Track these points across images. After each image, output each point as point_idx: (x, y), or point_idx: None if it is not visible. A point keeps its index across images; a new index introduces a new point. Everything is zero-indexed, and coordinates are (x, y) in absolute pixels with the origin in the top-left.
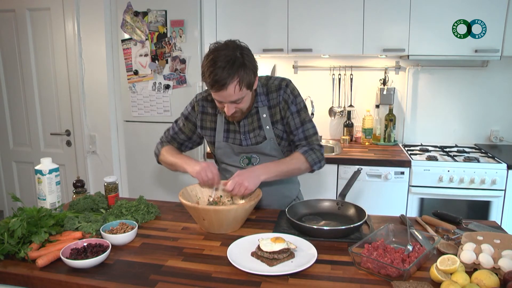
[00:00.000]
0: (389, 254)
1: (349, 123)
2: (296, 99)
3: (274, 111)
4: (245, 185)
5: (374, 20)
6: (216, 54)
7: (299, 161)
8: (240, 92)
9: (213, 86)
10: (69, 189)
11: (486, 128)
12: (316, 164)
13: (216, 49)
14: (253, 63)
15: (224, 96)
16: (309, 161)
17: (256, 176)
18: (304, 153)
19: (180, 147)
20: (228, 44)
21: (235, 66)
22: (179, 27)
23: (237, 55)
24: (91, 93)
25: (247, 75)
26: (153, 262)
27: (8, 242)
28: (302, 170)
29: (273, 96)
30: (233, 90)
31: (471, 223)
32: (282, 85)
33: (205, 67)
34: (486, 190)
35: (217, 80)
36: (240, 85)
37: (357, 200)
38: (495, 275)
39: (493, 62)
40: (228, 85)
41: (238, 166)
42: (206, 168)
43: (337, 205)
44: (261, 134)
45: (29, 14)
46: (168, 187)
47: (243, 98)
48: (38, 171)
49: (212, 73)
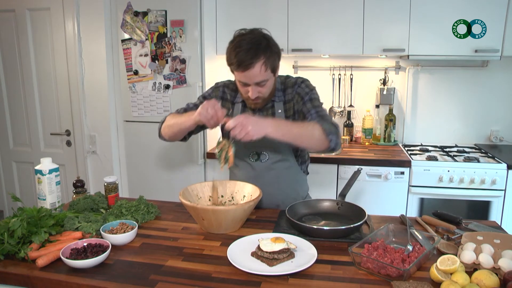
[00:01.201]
0: (389, 254)
1: (349, 123)
2: (312, 91)
3: (289, 106)
4: (248, 129)
5: (374, 20)
6: (242, 38)
7: (314, 128)
8: (265, 73)
9: (240, 66)
10: (69, 189)
11: (486, 128)
12: (332, 135)
13: (241, 34)
14: (277, 48)
15: (249, 77)
16: (324, 128)
17: (262, 126)
18: (318, 121)
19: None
20: (253, 31)
21: (261, 47)
22: (179, 27)
23: (261, 39)
24: (91, 93)
25: (272, 57)
26: (153, 262)
27: (8, 242)
28: (315, 139)
29: (289, 92)
30: (259, 69)
31: (471, 223)
32: (298, 81)
33: (230, 50)
34: (486, 190)
35: (244, 60)
36: (266, 65)
37: (357, 200)
38: (495, 275)
39: (493, 62)
40: (255, 64)
41: (246, 161)
42: (207, 105)
43: (337, 205)
44: None
45: (29, 14)
46: (168, 187)
47: (267, 82)
48: (38, 171)
49: (239, 53)
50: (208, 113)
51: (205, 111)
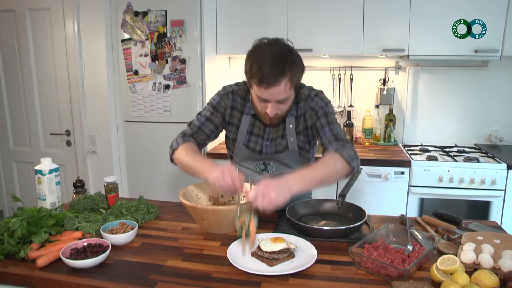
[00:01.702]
0: (389, 254)
1: (349, 123)
2: (327, 105)
3: (300, 121)
4: (271, 197)
5: (374, 20)
6: (264, 50)
7: (335, 160)
8: (290, 91)
9: (263, 82)
10: (69, 189)
11: (486, 128)
12: (354, 161)
13: (263, 44)
14: (302, 61)
15: (272, 94)
16: (344, 156)
17: (286, 188)
18: (337, 150)
19: (206, 139)
20: (276, 42)
21: (288, 63)
22: (179, 27)
23: (285, 51)
24: (91, 93)
25: (298, 73)
26: (153, 262)
27: (8, 242)
28: (339, 172)
29: (301, 106)
30: (284, 87)
31: (471, 223)
32: (311, 94)
33: (252, 62)
34: (486, 190)
35: (268, 76)
36: (291, 82)
37: (357, 200)
38: (495, 275)
39: (493, 62)
40: (281, 81)
41: (253, 170)
42: (224, 172)
43: (337, 205)
44: (282, 143)
45: (29, 14)
46: (168, 187)
47: (288, 99)
48: (38, 171)
49: (262, 67)
50: (225, 182)
51: (222, 179)
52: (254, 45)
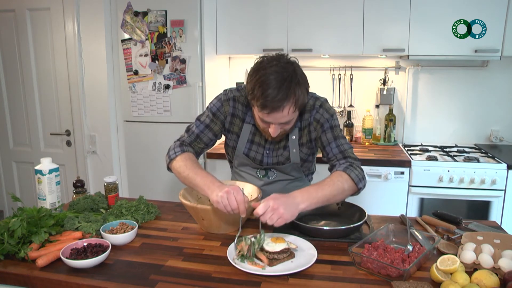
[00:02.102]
0: (389, 254)
1: (349, 123)
2: (332, 117)
3: (303, 133)
4: (280, 212)
5: (374, 20)
6: (268, 72)
7: (343, 180)
8: (294, 114)
9: (266, 107)
10: (69, 189)
11: (486, 128)
12: (361, 182)
13: (267, 63)
14: (306, 79)
15: (276, 118)
16: (352, 177)
17: (295, 204)
18: (345, 170)
19: (204, 148)
20: (279, 59)
21: (292, 85)
22: (179, 27)
23: (290, 71)
24: (91, 93)
25: (302, 94)
26: (153, 262)
27: (8, 242)
28: (346, 192)
29: (306, 117)
30: (288, 111)
31: (471, 223)
32: (316, 105)
33: (254, 83)
34: (486, 190)
35: (271, 101)
36: (296, 106)
37: (357, 200)
38: (495, 275)
39: (493, 62)
40: (284, 106)
41: (254, 176)
42: (230, 194)
43: (337, 205)
44: (284, 154)
45: (29, 14)
46: (168, 187)
47: (292, 120)
48: (38, 171)
49: (265, 92)
50: (230, 204)
51: (227, 201)
52: (257, 63)
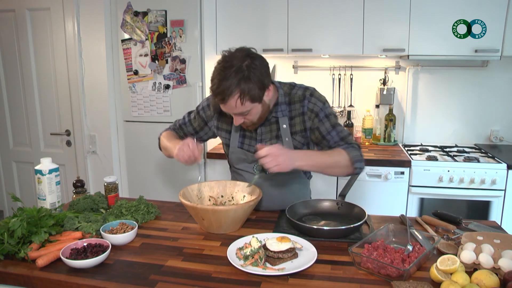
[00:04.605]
0: (389, 254)
1: (349, 123)
2: (324, 105)
3: (295, 122)
4: (279, 160)
5: (374, 20)
6: (223, 64)
7: (341, 155)
8: (243, 106)
9: (215, 98)
10: (69, 189)
11: (486, 128)
12: (358, 162)
13: (223, 57)
14: (261, 76)
15: (227, 108)
16: (350, 156)
17: (292, 158)
18: (345, 149)
19: (184, 137)
20: (236, 54)
21: (237, 79)
22: (179, 27)
23: (242, 66)
24: (91, 93)
25: (251, 89)
26: (153, 262)
27: (8, 242)
28: (342, 167)
29: (296, 107)
30: (234, 103)
31: (471, 223)
32: (306, 95)
33: (211, 76)
34: (486, 190)
35: (217, 92)
36: (242, 99)
37: (357, 200)
38: (495, 275)
39: (493, 62)
40: (229, 99)
41: (251, 172)
42: (182, 145)
43: (337, 205)
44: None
45: (29, 14)
46: (168, 187)
47: (249, 111)
48: (38, 171)
49: (214, 84)
50: (184, 153)
51: (181, 152)
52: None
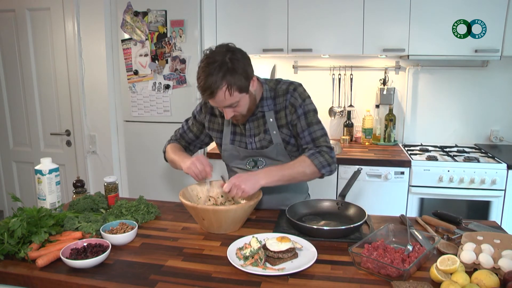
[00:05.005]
0: (389, 254)
1: (349, 123)
2: (304, 101)
3: (280, 116)
4: (242, 188)
5: (374, 20)
6: (206, 61)
7: (305, 165)
8: (232, 97)
9: (204, 94)
10: (69, 189)
11: (486, 128)
12: (325, 168)
13: (206, 55)
14: (244, 66)
15: (217, 102)
16: (315, 163)
17: (255, 180)
18: (309, 156)
19: (188, 146)
20: (217, 50)
21: (222, 72)
22: (179, 27)
23: (225, 60)
24: (91, 93)
25: (237, 79)
26: (153, 262)
27: (8, 242)
28: (307, 175)
29: (280, 101)
30: (223, 96)
31: (471, 223)
32: (289, 89)
33: (197, 75)
34: (486, 190)
35: (205, 88)
36: (230, 90)
37: (357, 200)
38: (495, 275)
39: (493, 62)
40: (217, 92)
41: (244, 168)
42: (195, 161)
43: (337, 205)
44: (266, 138)
45: (29, 14)
46: (168, 187)
47: (238, 102)
48: (38, 171)
49: (201, 81)
50: (197, 169)
51: (194, 168)
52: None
